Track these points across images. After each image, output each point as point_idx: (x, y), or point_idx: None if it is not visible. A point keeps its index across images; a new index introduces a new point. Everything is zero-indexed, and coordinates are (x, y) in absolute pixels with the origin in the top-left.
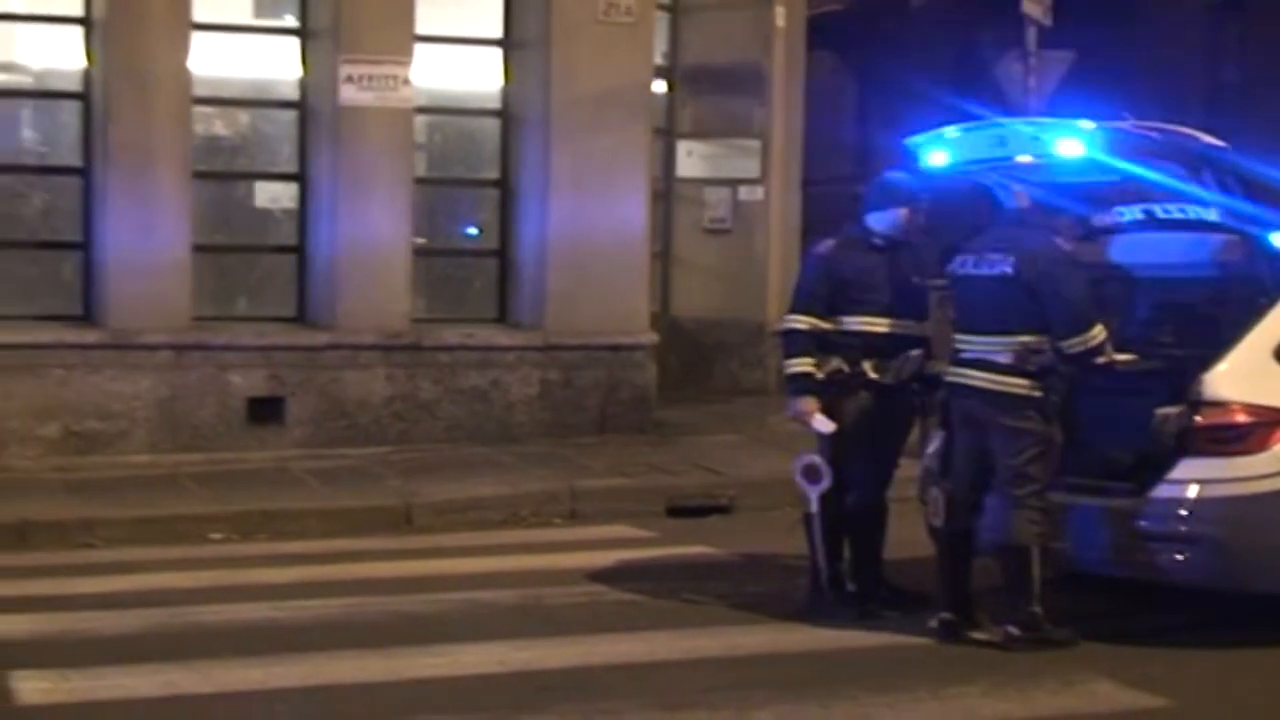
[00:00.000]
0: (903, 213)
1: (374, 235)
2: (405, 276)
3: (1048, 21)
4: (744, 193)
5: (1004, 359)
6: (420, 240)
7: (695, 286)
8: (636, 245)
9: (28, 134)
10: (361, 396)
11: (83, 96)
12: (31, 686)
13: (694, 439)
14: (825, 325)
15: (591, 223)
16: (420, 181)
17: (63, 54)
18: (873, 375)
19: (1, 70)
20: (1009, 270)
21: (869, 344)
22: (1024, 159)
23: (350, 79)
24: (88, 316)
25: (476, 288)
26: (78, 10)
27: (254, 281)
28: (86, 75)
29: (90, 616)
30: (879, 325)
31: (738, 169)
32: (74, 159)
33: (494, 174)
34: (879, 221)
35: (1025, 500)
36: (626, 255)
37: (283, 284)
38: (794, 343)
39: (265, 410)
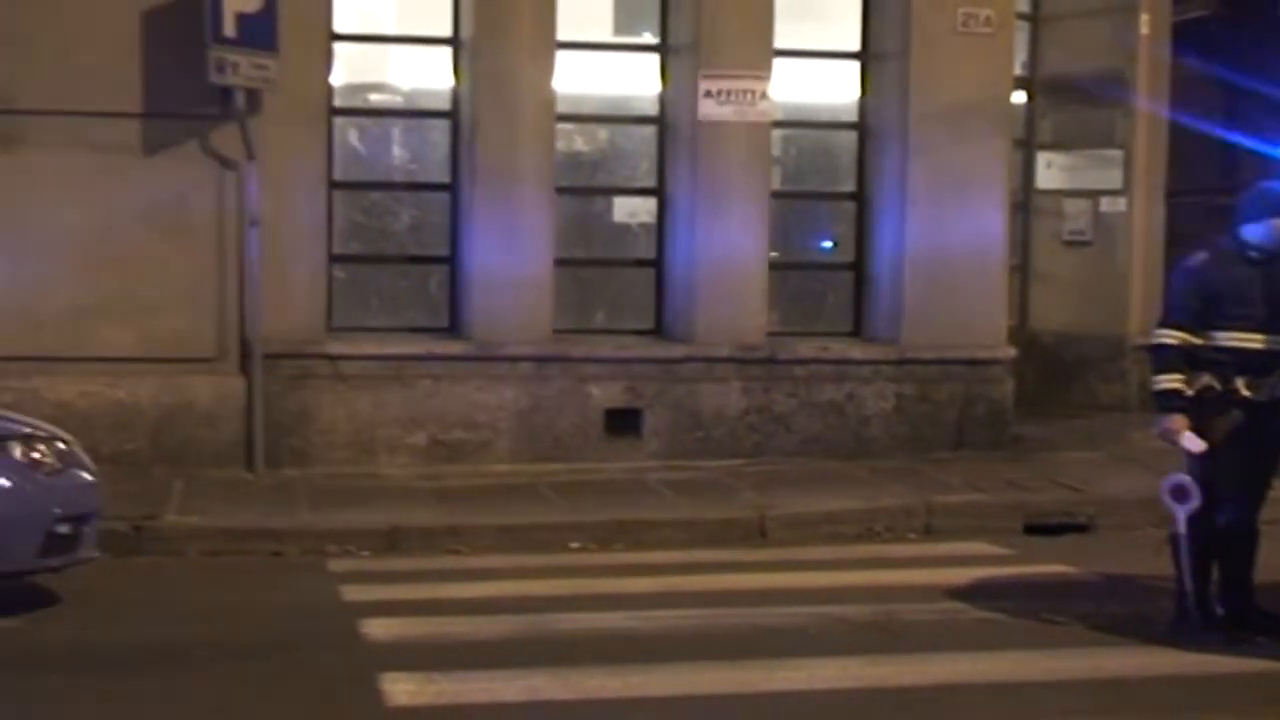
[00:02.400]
0: (1278, 223)
1: (731, 249)
2: (761, 290)
3: None
4: (1105, 204)
5: None
6: (774, 254)
7: (1054, 300)
8: (994, 258)
9: (398, 152)
10: (717, 409)
11: (451, 115)
12: (400, 689)
13: (1052, 455)
14: (1196, 340)
15: (949, 235)
16: (776, 195)
17: (432, 73)
18: (1245, 393)
19: (374, 91)
20: None
21: (1242, 360)
22: None
23: (709, 94)
24: (454, 329)
25: (831, 301)
26: (447, 31)
27: (612, 295)
28: (455, 94)
29: (456, 621)
30: (1253, 341)
31: (1099, 180)
32: (442, 176)
33: (850, 187)
34: (1253, 233)
35: None
36: (984, 268)
37: (640, 297)
38: (1163, 358)
39: (622, 421)
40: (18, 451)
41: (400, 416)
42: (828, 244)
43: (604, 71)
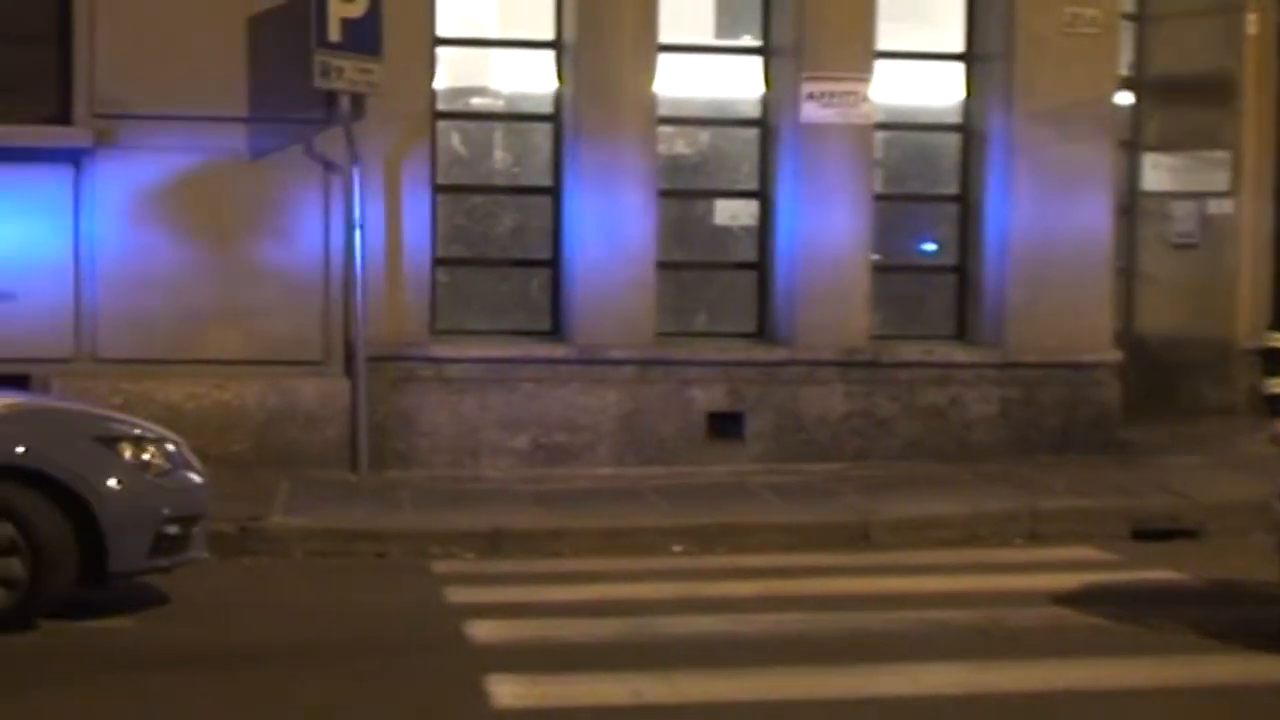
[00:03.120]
0: None
1: (833, 252)
2: (864, 293)
3: None
4: (1213, 206)
5: None
6: (876, 256)
7: (1160, 303)
8: (1099, 261)
9: (500, 155)
10: (819, 412)
11: (553, 118)
12: (506, 690)
13: (1158, 460)
14: None
15: (1053, 238)
16: (879, 197)
17: (534, 77)
18: None
19: (476, 95)
20: None
21: None
22: None
23: (812, 96)
24: (556, 332)
25: (934, 304)
26: (549, 34)
27: (714, 298)
28: (557, 97)
29: (560, 623)
30: None
31: (1206, 182)
32: (545, 179)
33: (953, 189)
34: None
35: None
36: (1089, 271)
37: (742, 300)
38: (1274, 361)
39: (724, 425)
40: (128, 453)
41: (503, 419)
42: (930, 246)
43: (706, 74)
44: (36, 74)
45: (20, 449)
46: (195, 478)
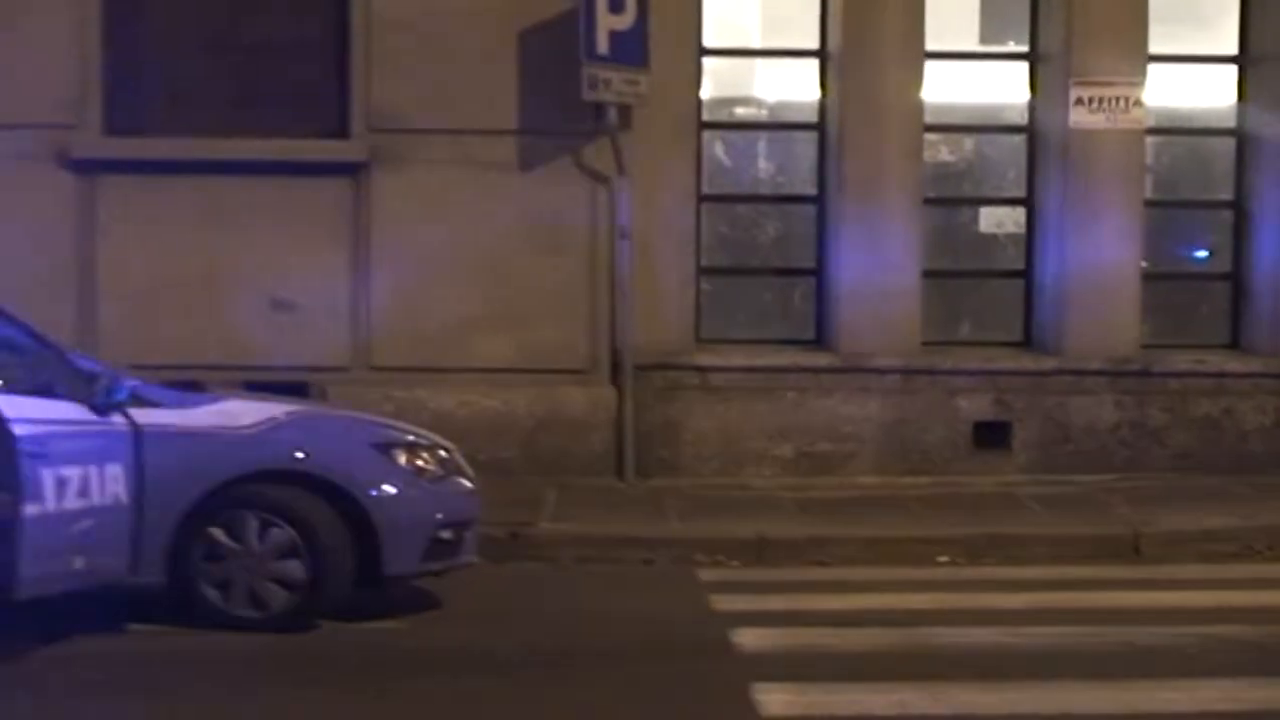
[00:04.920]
0: None
1: (1102, 259)
2: (1134, 301)
3: None
4: None
5: None
6: (1144, 263)
7: None
8: None
9: (763, 165)
10: (1087, 422)
11: (817, 127)
12: (774, 699)
13: None
14: None
15: None
16: (1149, 204)
17: (799, 86)
18: None
19: (740, 104)
20: None
21: None
22: None
23: (1080, 101)
24: (820, 341)
25: (1206, 312)
26: (813, 44)
27: (979, 306)
28: (821, 106)
29: (825, 632)
30: None
31: None
32: (808, 188)
33: (1227, 195)
34: None
35: None
36: None
37: (1008, 309)
38: None
39: (990, 434)
40: (403, 459)
41: (767, 428)
42: (1203, 253)
43: (971, 81)
44: (315, 89)
45: (300, 454)
46: (466, 484)
